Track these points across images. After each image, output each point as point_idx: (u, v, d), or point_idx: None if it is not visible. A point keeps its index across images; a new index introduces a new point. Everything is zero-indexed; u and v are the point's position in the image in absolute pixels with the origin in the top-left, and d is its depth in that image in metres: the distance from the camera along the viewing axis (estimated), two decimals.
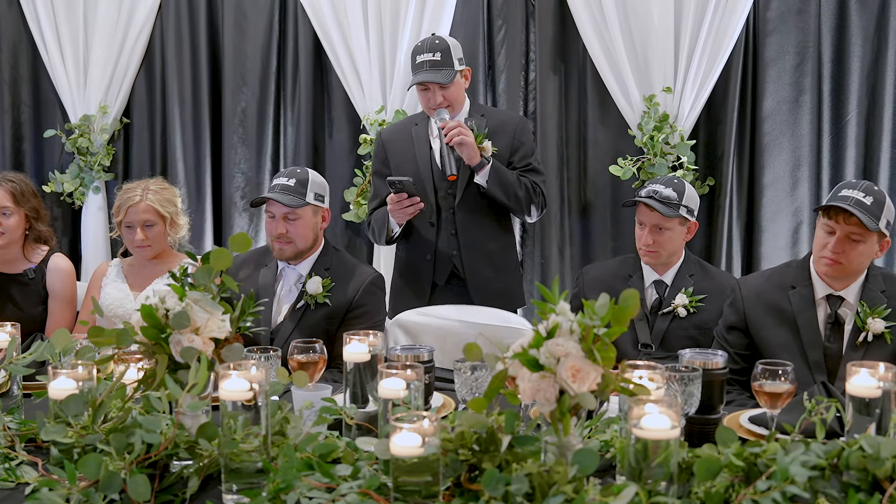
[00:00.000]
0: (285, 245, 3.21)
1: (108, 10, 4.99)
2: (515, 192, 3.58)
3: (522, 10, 4.66)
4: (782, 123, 4.43)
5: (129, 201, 3.53)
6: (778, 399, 2.16)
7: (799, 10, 4.37)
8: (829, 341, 2.77)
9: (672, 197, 3.15)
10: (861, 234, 2.68)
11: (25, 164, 5.22)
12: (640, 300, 3.06)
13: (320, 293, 3.20)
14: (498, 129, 3.65)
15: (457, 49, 3.62)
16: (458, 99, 3.63)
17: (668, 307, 3.18)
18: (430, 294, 3.75)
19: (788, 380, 2.16)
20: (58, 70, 5.06)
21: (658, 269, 3.23)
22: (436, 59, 3.55)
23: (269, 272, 3.31)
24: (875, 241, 2.73)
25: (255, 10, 4.94)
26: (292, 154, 4.95)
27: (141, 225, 3.52)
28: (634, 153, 4.44)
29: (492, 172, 3.53)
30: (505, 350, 1.84)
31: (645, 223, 3.18)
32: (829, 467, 1.76)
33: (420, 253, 3.73)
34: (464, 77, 3.66)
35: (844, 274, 2.75)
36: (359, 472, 1.87)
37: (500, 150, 3.61)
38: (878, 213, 2.68)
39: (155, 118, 5.14)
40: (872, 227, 2.65)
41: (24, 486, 1.94)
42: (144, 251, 3.55)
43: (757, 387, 2.19)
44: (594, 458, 1.72)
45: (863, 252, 2.71)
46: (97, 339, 2.09)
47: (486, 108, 3.90)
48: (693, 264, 3.27)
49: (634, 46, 4.45)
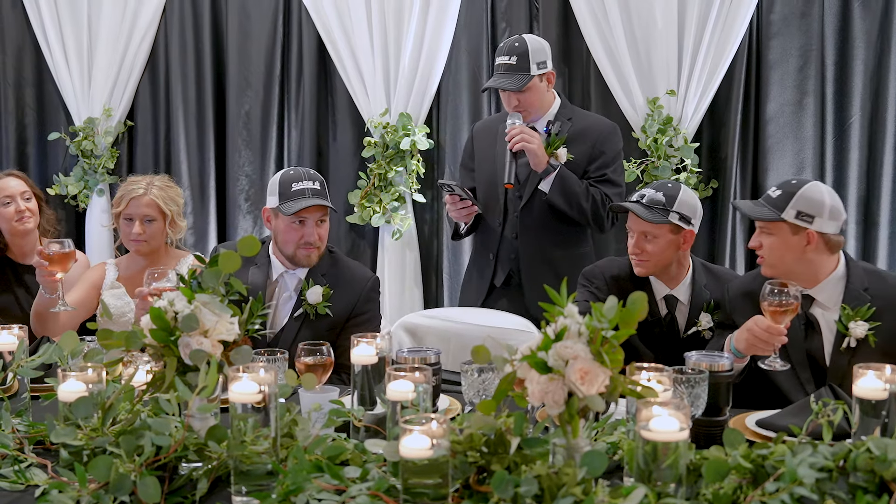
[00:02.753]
0: (314, 251, 3.11)
1: (112, 12, 5.00)
2: (580, 203, 3.48)
3: (526, 13, 4.67)
4: (785, 126, 4.43)
5: (133, 193, 3.48)
6: (784, 314, 2.50)
7: (802, 14, 4.37)
8: (806, 341, 2.74)
9: (659, 201, 2.95)
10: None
11: (30, 167, 5.23)
12: (656, 317, 3.05)
13: (321, 303, 3.09)
14: (578, 135, 3.57)
15: (538, 52, 3.52)
16: (534, 103, 3.55)
17: (692, 327, 3.03)
18: (487, 295, 3.75)
19: (792, 297, 2.49)
20: (62, 73, 5.07)
21: (666, 281, 3.06)
22: (510, 64, 3.50)
23: (259, 271, 3.15)
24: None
25: (258, 13, 4.95)
26: (296, 157, 4.96)
27: (141, 219, 3.46)
28: (638, 156, 4.45)
29: (556, 180, 3.47)
30: (513, 352, 1.85)
31: (633, 230, 3.02)
32: (836, 469, 1.76)
33: (485, 252, 3.75)
34: (546, 81, 3.56)
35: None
36: (368, 473, 1.88)
37: (577, 157, 3.53)
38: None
39: (159, 121, 5.14)
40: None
41: (33, 488, 1.95)
42: (139, 245, 3.49)
43: (766, 305, 2.51)
44: (603, 459, 1.72)
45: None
46: (106, 342, 2.10)
47: (577, 112, 3.73)
48: (702, 273, 3.10)
49: (638, 49, 4.46)
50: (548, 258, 3.62)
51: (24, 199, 3.72)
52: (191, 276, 2.13)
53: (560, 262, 3.61)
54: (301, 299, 3.10)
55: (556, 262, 3.61)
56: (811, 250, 2.70)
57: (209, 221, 5.08)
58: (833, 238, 2.72)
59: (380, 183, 4.71)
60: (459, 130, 4.77)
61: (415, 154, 4.68)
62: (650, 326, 3.03)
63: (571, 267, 3.54)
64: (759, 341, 2.57)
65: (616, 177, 3.59)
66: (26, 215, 3.72)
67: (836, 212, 2.71)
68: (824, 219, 2.68)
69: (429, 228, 4.88)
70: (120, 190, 3.57)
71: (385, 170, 4.67)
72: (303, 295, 3.10)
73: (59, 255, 2.97)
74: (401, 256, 4.76)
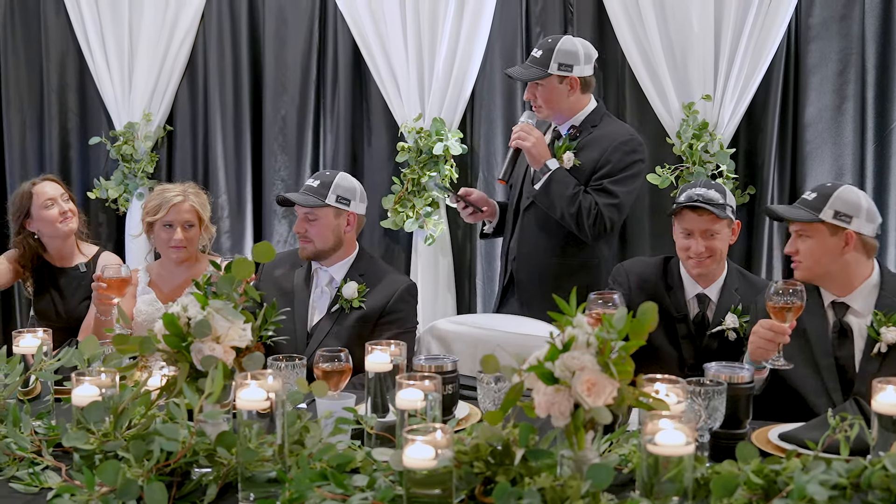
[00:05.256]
0: (305, 244, 3.31)
1: (152, 18, 5.06)
2: (564, 209, 3.43)
3: (561, 17, 4.63)
4: (825, 131, 4.34)
5: (171, 200, 3.54)
6: (789, 312, 2.52)
7: (842, 16, 4.28)
8: (838, 348, 2.71)
9: (717, 198, 2.99)
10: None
11: (72, 171, 5.31)
12: (682, 315, 3.05)
13: (356, 298, 3.24)
14: (593, 141, 3.52)
15: (566, 54, 3.47)
16: (550, 102, 3.51)
17: (716, 326, 3.04)
18: (502, 297, 3.77)
19: (798, 296, 2.52)
20: (103, 78, 5.15)
21: (701, 281, 3.08)
22: (534, 56, 3.52)
23: (302, 272, 3.38)
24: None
25: (295, 19, 4.97)
26: (331, 161, 4.98)
27: (182, 225, 3.54)
28: (673, 161, 4.39)
29: (546, 181, 3.45)
30: (522, 362, 1.83)
31: (693, 230, 3.01)
32: (850, 486, 1.71)
33: (499, 254, 3.82)
34: (568, 85, 3.50)
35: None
36: (375, 482, 1.87)
37: (585, 163, 3.48)
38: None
39: (197, 125, 5.19)
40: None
41: (47, 491, 1.98)
42: (180, 252, 3.56)
43: (772, 305, 2.53)
44: (609, 473, 1.70)
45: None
46: (122, 347, 2.12)
47: (606, 120, 3.62)
48: (736, 276, 3.12)
49: (673, 53, 4.40)
50: (540, 263, 3.59)
51: (63, 200, 3.81)
52: (205, 282, 2.14)
53: (552, 268, 3.57)
54: (337, 294, 3.26)
55: (549, 268, 3.57)
56: (849, 252, 2.68)
57: (245, 226, 5.11)
58: (870, 241, 2.72)
59: (413, 188, 4.71)
60: (493, 135, 4.75)
61: (448, 159, 4.67)
62: (677, 324, 3.06)
63: (565, 275, 3.53)
64: (763, 341, 2.57)
65: (615, 187, 3.45)
66: (69, 215, 3.81)
67: (873, 214, 2.72)
68: (861, 219, 2.68)
69: (462, 234, 4.86)
70: (154, 198, 3.61)
71: (418, 175, 4.67)
72: (339, 290, 3.26)
73: (116, 280, 3.04)
74: (434, 262, 4.75)
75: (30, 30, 5.32)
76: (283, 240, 5.05)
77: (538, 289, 3.57)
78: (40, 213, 3.76)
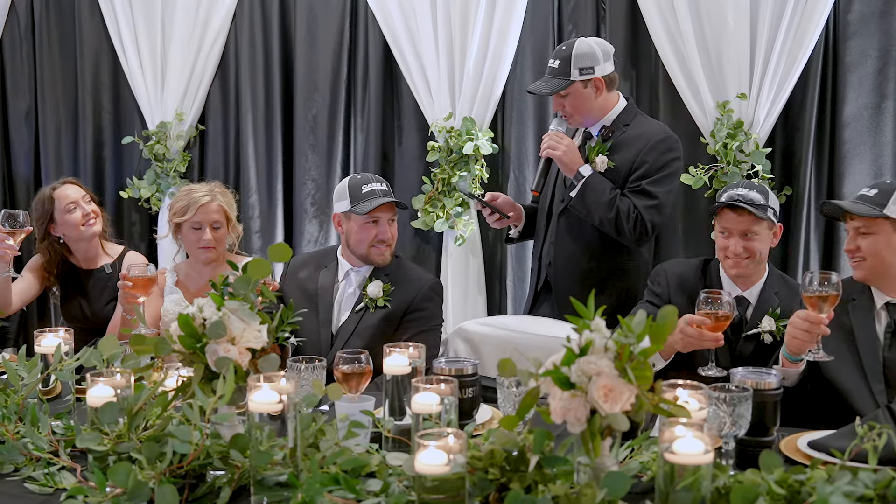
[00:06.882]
0: (386, 249, 3.28)
1: (184, 18, 5.08)
2: (602, 215, 3.37)
3: (593, 15, 4.57)
4: (863, 131, 4.24)
5: (199, 201, 3.53)
6: (825, 302, 2.49)
7: (882, 13, 4.18)
8: (889, 350, 2.65)
9: (758, 199, 2.94)
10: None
11: (106, 170, 5.35)
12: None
13: (381, 297, 3.24)
14: (627, 142, 3.45)
15: (583, 58, 3.41)
16: (580, 109, 3.46)
17: (752, 329, 2.98)
18: (534, 301, 3.73)
19: (833, 287, 2.49)
20: (136, 78, 5.18)
21: (740, 283, 3.02)
22: (553, 67, 3.45)
23: (329, 273, 3.36)
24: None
25: (326, 18, 4.96)
26: (362, 161, 4.96)
27: (210, 225, 3.54)
28: (707, 161, 4.31)
29: (581, 189, 3.40)
30: (540, 366, 1.79)
31: (731, 230, 2.96)
32: (877, 498, 1.65)
33: (533, 256, 3.76)
34: (594, 87, 3.43)
35: None
36: (388, 487, 1.84)
37: (620, 165, 3.41)
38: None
39: (229, 125, 5.20)
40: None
41: (61, 491, 1.97)
42: (209, 253, 3.55)
43: (807, 295, 2.50)
44: (625, 481, 1.65)
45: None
46: (138, 347, 2.11)
47: (638, 118, 3.55)
48: (777, 280, 3.07)
49: (708, 51, 4.32)
50: (577, 268, 3.54)
51: (86, 202, 3.80)
52: (222, 283, 2.12)
53: (590, 273, 3.51)
54: (362, 293, 3.25)
55: (586, 272, 3.52)
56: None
57: (276, 226, 5.11)
58: None
59: (443, 188, 4.67)
60: (524, 135, 4.70)
61: (479, 158, 4.63)
62: None
63: (603, 280, 3.49)
64: (800, 332, 2.54)
65: (654, 188, 3.38)
66: (92, 217, 3.80)
67: None
68: None
69: (493, 235, 4.82)
70: (181, 199, 3.60)
71: (448, 174, 4.63)
72: (364, 289, 3.25)
73: (142, 279, 3.04)
74: (464, 262, 4.71)
75: (64, 30, 5.37)
76: (314, 239, 5.04)
77: (577, 294, 3.50)
78: (64, 218, 3.76)
